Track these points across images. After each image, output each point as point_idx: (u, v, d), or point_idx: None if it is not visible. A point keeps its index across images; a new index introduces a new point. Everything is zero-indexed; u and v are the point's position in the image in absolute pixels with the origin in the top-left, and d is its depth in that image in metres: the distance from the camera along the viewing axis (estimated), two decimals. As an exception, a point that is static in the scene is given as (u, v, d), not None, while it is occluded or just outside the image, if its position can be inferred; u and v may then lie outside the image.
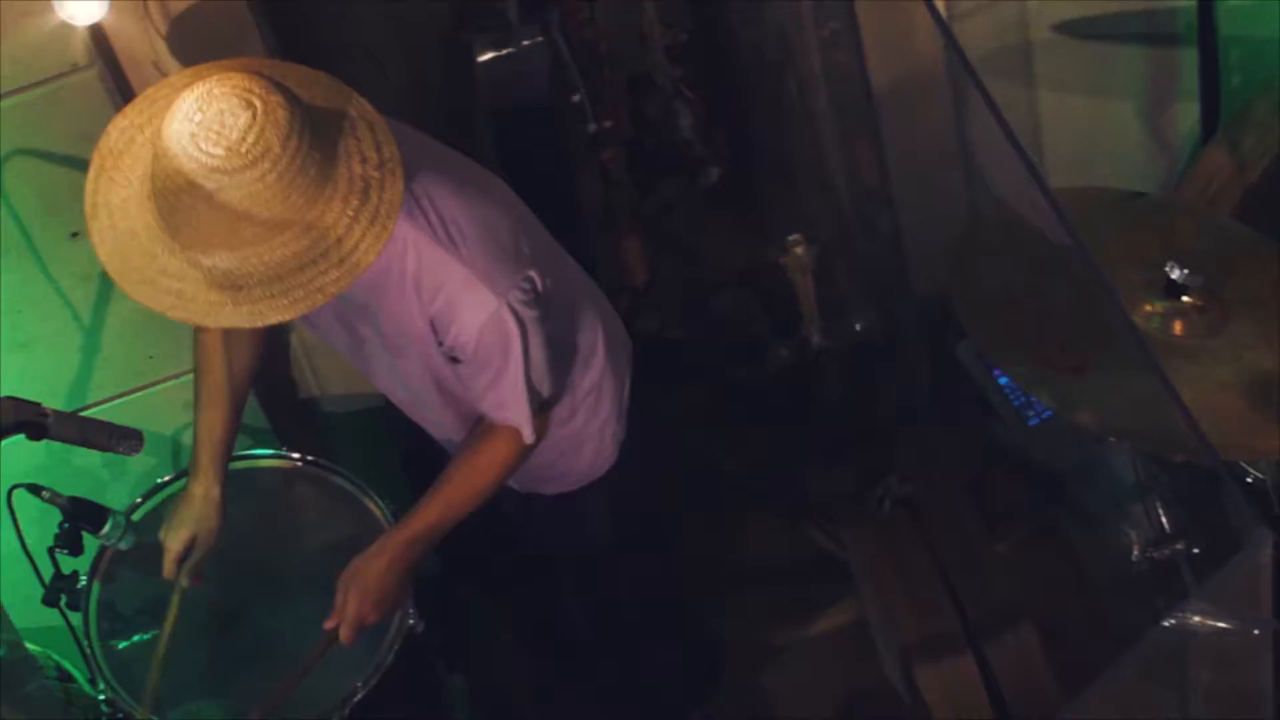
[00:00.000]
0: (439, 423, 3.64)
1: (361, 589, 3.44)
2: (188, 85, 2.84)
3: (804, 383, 4.90)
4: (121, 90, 3.68)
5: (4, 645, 3.28)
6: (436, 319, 3.21)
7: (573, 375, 3.57)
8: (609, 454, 3.78)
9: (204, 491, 3.66)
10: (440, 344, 3.26)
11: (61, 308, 3.91)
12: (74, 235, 3.79)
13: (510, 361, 3.24)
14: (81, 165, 3.57)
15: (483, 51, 4.22)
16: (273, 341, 3.33)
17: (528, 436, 3.39)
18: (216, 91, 2.79)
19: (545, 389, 3.38)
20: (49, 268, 3.84)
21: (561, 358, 3.45)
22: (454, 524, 3.48)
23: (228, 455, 3.67)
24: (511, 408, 3.34)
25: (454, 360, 3.30)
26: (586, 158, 4.58)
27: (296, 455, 3.91)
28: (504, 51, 4.22)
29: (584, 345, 3.60)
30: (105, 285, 3.90)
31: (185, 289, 2.90)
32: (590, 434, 3.71)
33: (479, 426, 3.45)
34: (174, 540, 3.65)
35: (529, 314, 3.22)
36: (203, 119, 2.77)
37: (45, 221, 3.76)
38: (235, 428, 3.67)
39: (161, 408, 4.19)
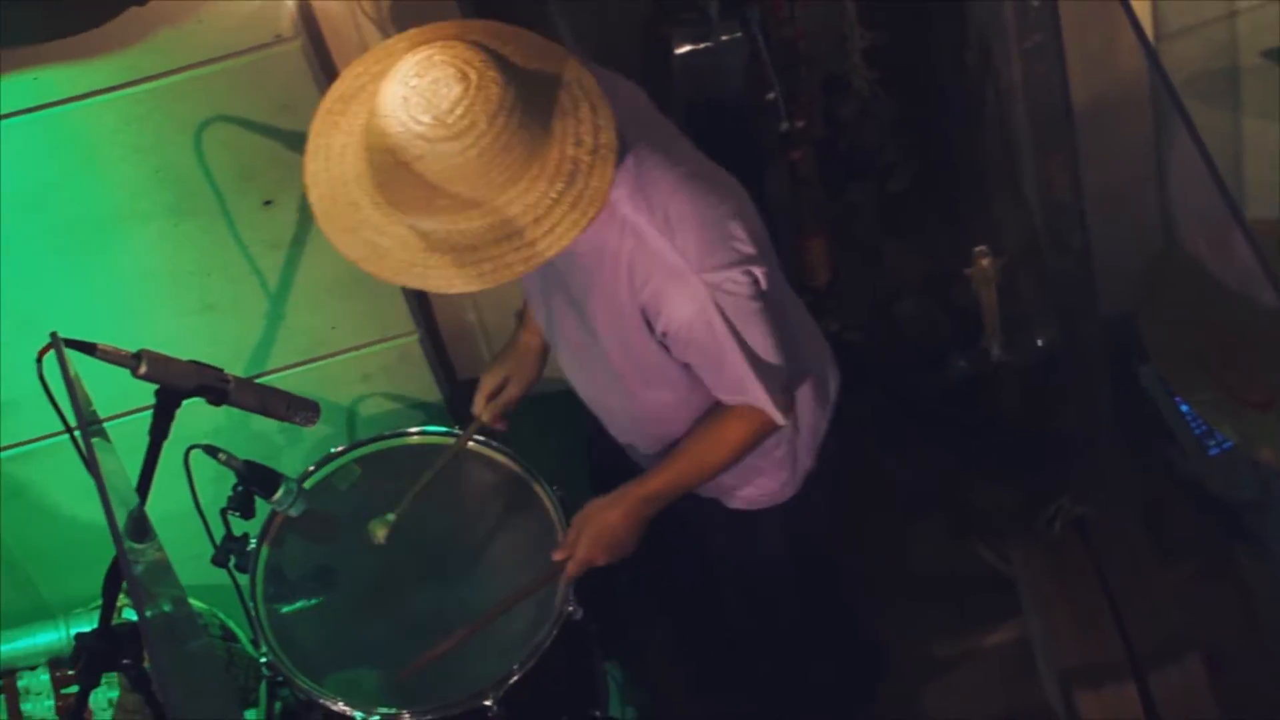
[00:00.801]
0: (622, 412, 3.64)
1: (595, 533, 3.53)
2: (415, 46, 2.89)
3: (981, 395, 4.84)
4: (324, 64, 3.72)
5: (169, 601, 3.34)
6: (646, 306, 3.20)
7: None
8: (795, 483, 3.75)
9: (527, 341, 3.79)
10: (653, 331, 3.26)
11: (249, 274, 3.97)
12: (267, 203, 3.84)
13: (726, 352, 3.22)
14: (279, 136, 3.65)
15: (680, 44, 4.22)
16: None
17: (777, 419, 3.38)
18: (437, 59, 2.82)
19: (780, 371, 3.33)
20: (240, 233, 3.89)
21: (786, 348, 3.37)
22: (688, 490, 3.53)
23: None
24: (746, 391, 3.32)
25: (668, 349, 3.30)
26: (777, 156, 4.56)
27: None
28: (702, 45, 4.21)
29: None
30: (293, 254, 3.95)
31: (382, 243, 2.94)
32: (779, 457, 3.68)
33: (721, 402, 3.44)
34: (489, 378, 3.83)
35: (747, 307, 3.18)
36: (418, 84, 2.81)
37: (240, 188, 3.82)
38: None
39: (340, 378, 4.24)
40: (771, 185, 4.58)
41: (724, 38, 4.22)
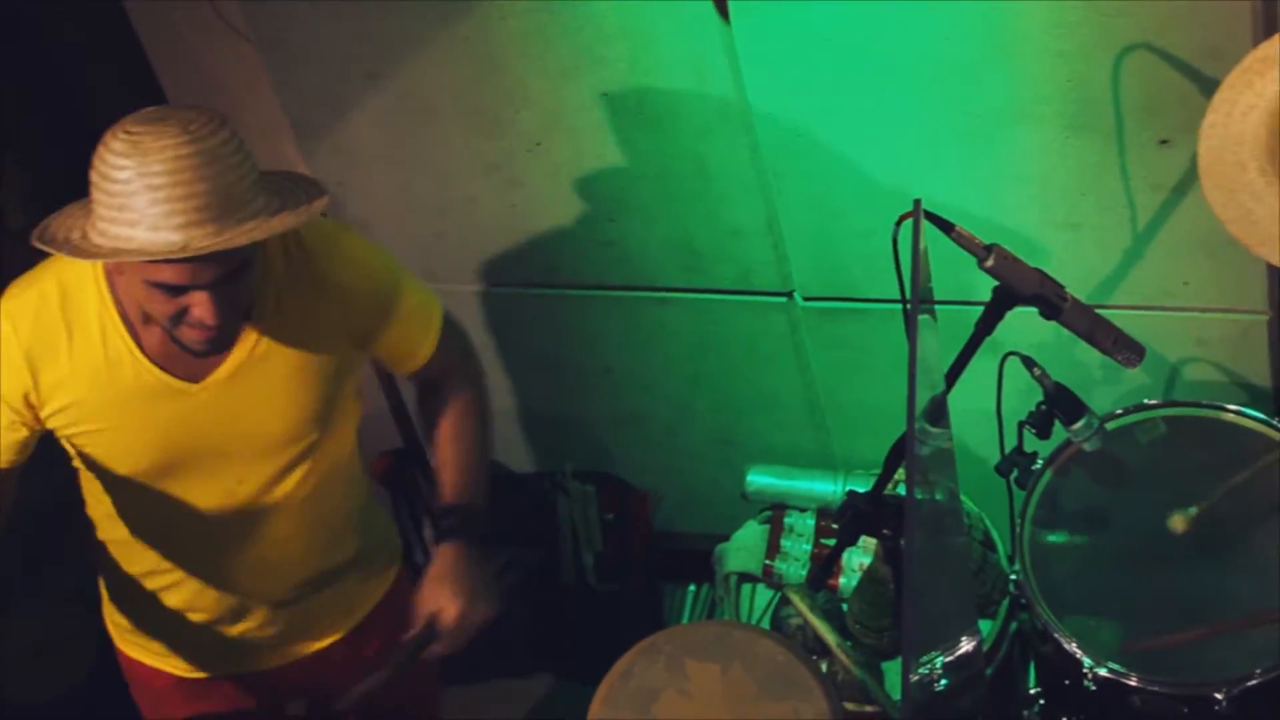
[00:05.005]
0: None
1: None
2: None
3: None
4: (1268, 20, 3.60)
5: (943, 490, 3.40)
6: None
7: None
8: None
9: None
10: None
11: (1122, 205, 3.92)
12: (1163, 142, 3.78)
13: None
14: (1196, 79, 3.60)
15: None
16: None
17: None
18: None
19: None
20: (1126, 164, 3.85)
21: None
22: None
23: None
24: None
25: None
26: None
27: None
28: None
29: None
30: (1172, 199, 3.87)
31: (1256, 211, 2.89)
32: None
33: None
34: None
35: None
36: None
37: (1141, 120, 3.77)
38: None
39: (1173, 333, 4.15)
40: None
41: None
